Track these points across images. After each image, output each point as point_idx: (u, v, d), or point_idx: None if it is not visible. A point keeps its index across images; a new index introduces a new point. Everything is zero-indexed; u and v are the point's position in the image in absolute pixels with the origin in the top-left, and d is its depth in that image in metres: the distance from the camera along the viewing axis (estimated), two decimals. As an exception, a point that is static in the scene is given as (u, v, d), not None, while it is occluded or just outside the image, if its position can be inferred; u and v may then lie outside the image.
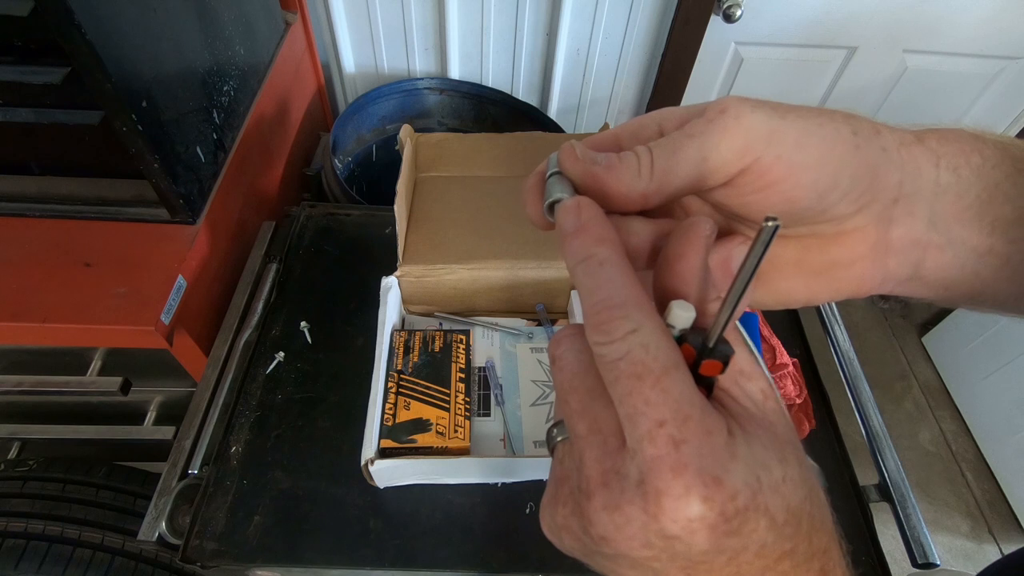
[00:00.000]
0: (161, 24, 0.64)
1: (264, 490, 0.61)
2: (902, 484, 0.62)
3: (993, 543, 1.48)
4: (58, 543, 0.70)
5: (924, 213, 0.23)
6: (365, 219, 0.88)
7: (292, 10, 1.08)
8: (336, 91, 1.37)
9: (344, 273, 0.80)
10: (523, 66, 1.31)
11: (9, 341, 0.72)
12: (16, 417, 0.88)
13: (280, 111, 1.03)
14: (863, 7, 1.22)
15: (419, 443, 0.58)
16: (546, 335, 0.72)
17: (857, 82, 1.36)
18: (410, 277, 0.69)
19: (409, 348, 0.65)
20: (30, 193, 0.72)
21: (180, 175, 0.69)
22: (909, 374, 1.81)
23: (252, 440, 0.64)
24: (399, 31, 1.25)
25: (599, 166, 0.21)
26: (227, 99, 0.81)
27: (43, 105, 0.61)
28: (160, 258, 0.70)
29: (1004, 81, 1.35)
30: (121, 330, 0.65)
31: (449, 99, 1.29)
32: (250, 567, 0.57)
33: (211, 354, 0.70)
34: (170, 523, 0.57)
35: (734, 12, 1.17)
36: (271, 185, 1.00)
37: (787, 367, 0.73)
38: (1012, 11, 1.22)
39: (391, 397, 0.61)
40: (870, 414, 0.68)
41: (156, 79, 0.63)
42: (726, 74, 1.37)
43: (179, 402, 0.84)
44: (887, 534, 0.61)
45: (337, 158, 1.12)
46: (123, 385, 0.71)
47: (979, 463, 1.62)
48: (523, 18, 1.22)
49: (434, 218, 0.74)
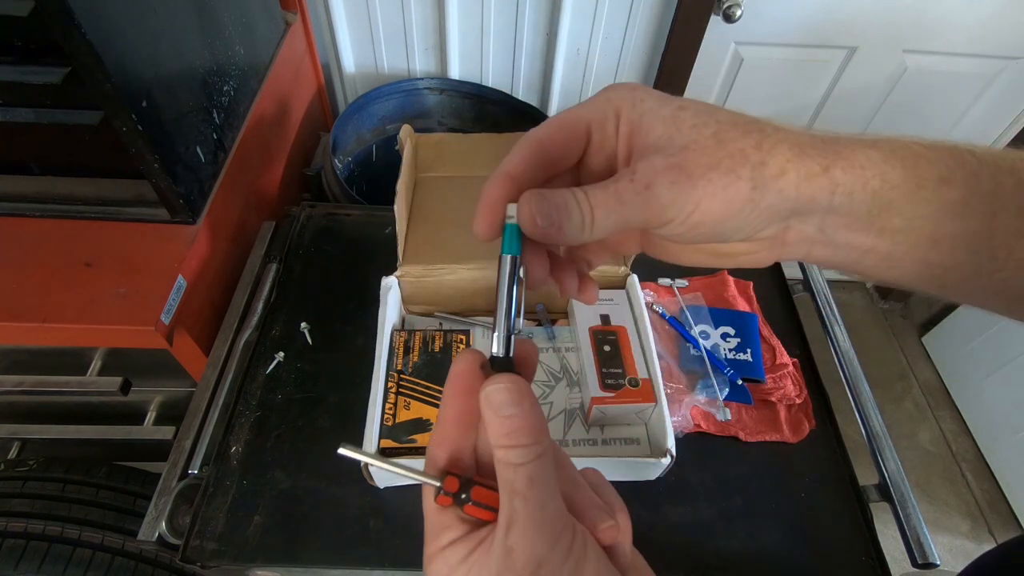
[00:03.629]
0: (161, 24, 0.64)
1: (264, 490, 0.61)
2: (902, 484, 0.63)
3: (993, 543, 1.48)
4: (58, 543, 0.70)
5: (815, 223, 0.26)
6: (365, 219, 0.88)
7: (292, 10, 1.08)
8: (336, 91, 1.37)
9: (344, 273, 0.80)
10: (523, 66, 1.31)
11: (9, 341, 0.72)
12: (16, 417, 0.88)
13: (280, 111, 1.03)
14: (863, 7, 1.22)
15: (419, 443, 0.58)
16: (546, 335, 0.72)
17: (857, 82, 1.36)
18: (410, 277, 0.69)
19: (409, 348, 0.65)
20: (30, 193, 0.72)
21: (180, 175, 0.69)
22: (909, 374, 1.81)
23: (252, 440, 0.64)
24: (399, 31, 1.25)
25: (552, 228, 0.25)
26: (227, 99, 0.81)
27: (43, 105, 0.62)
28: (160, 258, 0.70)
29: (1004, 81, 1.35)
30: (121, 330, 0.65)
31: (449, 99, 1.29)
32: (250, 567, 0.57)
33: (211, 354, 0.70)
34: (170, 523, 0.57)
35: (734, 12, 1.17)
36: (271, 185, 1.00)
37: (787, 367, 0.73)
38: (1012, 11, 1.22)
39: (391, 397, 0.61)
40: (870, 414, 0.68)
41: (156, 79, 0.63)
42: (726, 74, 1.37)
43: (179, 402, 0.84)
44: (887, 534, 0.61)
45: (337, 158, 1.12)
46: (123, 385, 0.71)
47: (979, 463, 1.62)
48: (523, 18, 1.22)
49: (434, 218, 0.74)
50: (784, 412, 0.70)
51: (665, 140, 0.25)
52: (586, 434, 0.64)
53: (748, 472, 0.65)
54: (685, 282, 0.81)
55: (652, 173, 0.24)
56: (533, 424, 0.24)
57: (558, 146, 0.27)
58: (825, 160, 0.25)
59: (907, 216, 0.25)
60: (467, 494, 0.25)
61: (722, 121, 0.25)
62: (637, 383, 0.62)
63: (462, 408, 0.26)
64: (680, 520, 0.61)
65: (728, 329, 0.76)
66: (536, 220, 0.25)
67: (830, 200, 0.25)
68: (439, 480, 0.25)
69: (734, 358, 0.73)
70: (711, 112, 0.25)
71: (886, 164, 0.25)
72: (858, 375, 0.72)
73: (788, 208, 0.25)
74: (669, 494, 0.63)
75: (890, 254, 0.27)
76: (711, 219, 0.25)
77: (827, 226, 0.26)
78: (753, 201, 0.24)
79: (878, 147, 0.25)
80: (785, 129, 0.25)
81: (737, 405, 0.70)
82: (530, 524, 0.23)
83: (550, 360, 0.70)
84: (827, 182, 0.25)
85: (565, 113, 0.28)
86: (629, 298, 0.70)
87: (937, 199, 0.25)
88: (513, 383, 0.24)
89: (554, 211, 0.25)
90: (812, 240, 0.27)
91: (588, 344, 0.65)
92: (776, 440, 0.68)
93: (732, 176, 0.24)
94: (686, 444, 0.66)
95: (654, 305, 0.78)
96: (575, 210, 0.25)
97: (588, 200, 0.25)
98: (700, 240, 0.26)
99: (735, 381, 0.70)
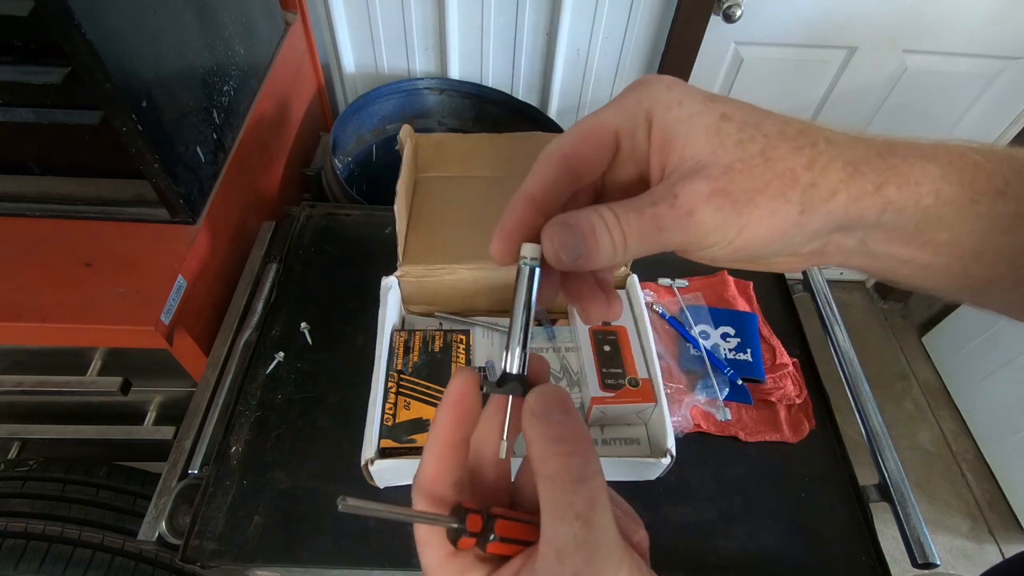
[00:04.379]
0: (161, 24, 0.64)
1: (264, 490, 0.61)
2: (902, 484, 0.62)
3: (993, 543, 1.48)
4: (58, 543, 0.70)
5: (858, 236, 0.25)
6: (365, 219, 0.88)
7: (292, 10, 1.08)
8: (336, 91, 1.37)
9: (344, 273, 0.80)
10: (523, 66, 1.31)
11: (9, 341, 0.72)
12: (16, 417, 0.88)
13: (280, 111, 1.03)
14: (863, 7, 1.22)
15: (419, 443, 0.58)
16: (546, 335, 0.72)
17: (857, 82, 1.36)
18: (410, 277, 0.69)
19: (409, 348, 0.65)
20: (30, 193, 0.72)
21: (180, 175, 0.68)
22: (909, 374, 1.81)
23: (252, 440, 0.64)
24: (399, 31, 1.25)
25: (580, 260, 0.23)
26: (227, 99, 0.81)
27: (43, 105, 0.61)
28: (160, 258, 0.70)
29: (1004, 81, 1.35)
30: (121, 330, 0.65)
31: (449, 99, 1.29)
32: (250, 567, 0.57)
33: (211, 354, 0.70)
34: (170, 523, 0.57)
35: (734, 12, 1.17)
36: (271, 185, 1.00)
37: (787, 367, 0.73)
38: (1012, 11, 1.22)
39: (391, 397, 0.61)
40: (870, 414, 0.68)
41: (156, 79, 0.63)
42: (726, 74, 1.37)
43: (179, 402, 0.84)
44: (887, 534, 0.61)
45: (337, 158, 1.11)
46: (123, 385, 0.71)
47: (979, 463, 1.62)
48: (523, 18, 1.22)
49: (434, 218, 0.74)
50: (784, 412, 0.70)
51: (708, 156, 0.22)
52: (586, 434, 0.64)
53: (748, 472, 0.65)
54: (685, 282, 0.81)
55: (695, 199, 0.22)
56: (584, 433, 0.22)
57: (584, 160, 0.25)
58: (880, 178, 0.23)
59: (955, 231, 0.24)
60: (491, 529, 0.21)
61: (770, 135, 0.23)
62: (637, 383, 0.62)
63: (464, 433, 0.24)
64: (680, 520, 0.61)
65: (728, 329, 0.76)
66: (561, 256, 0.23)
67: (878, 217, 0.23)
68: (458, 521, 0.22)
69: (734, 358, 0.73)
70: (758, 123, 0.23)
71: (943, 180, 0.23)
72: (858, 375, 0.72)
73: (834, 227, 0.24)
74: (669, 494, 0.63)
75: (930, 265, 0.25)
76: (754, 245, 0.23)
77: (869, 239, 0.25)
78: (800, 225, 0.23)
79: (936, 159, 0.23)
80: (838, 140, 0.23)
81: (737, 405, 0.70)
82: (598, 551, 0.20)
83: (550, 360, 0.70)
84: (879, 200, 0.23)
85: (591, 119, 0.25)
86: (629, 298, 0.70)
87: (990, 214, 0.24)
88: (559, 390, 0.23)
89: (581, 243, 0.23)
90: (851, 251, 0.26)
91: (588, 344, 0.65)
92: (776, 440, 0.68)
93: (781, 200, 0.22)
94: (686, 444, 0.66)
95: (654, 305, 0.78)
96: (605, 238, 0.23)
97: (620, 226, 0.23)
98: (738, 261, 0.25)
99: (735, 381, 0.70)
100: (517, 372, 0.24)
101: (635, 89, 0.24)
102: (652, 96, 0.24)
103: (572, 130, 0.25)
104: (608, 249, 0.23)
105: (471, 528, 0.21)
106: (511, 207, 0.25)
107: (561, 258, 0.23)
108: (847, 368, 0.73)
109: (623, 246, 0.23)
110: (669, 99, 0.23)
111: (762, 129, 0.23)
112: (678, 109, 0.23)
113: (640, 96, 0.24)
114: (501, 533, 0.22)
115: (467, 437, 0.24)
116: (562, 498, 0.20)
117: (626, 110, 0.24)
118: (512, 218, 0.25)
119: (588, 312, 0.27)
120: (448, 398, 0.24)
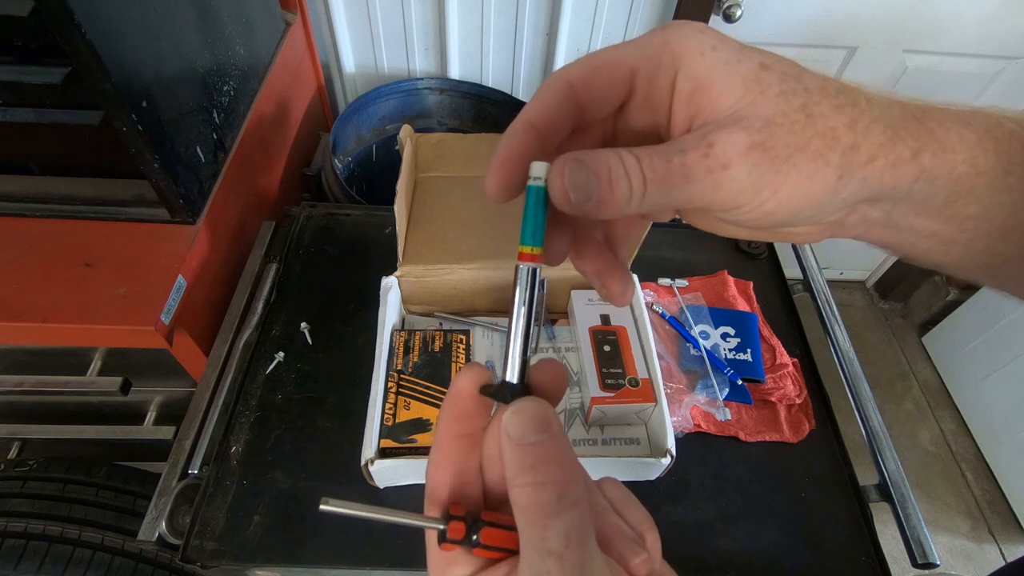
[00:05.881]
0: (161, 24, 0.64)
1: (264, 490, 0.61)
2: (902, 484, 0.63)
3: (993, 543, 1.48)
4: (58, 543, 0.70)
5: (884, 208, 0.23)
6: (365, 219, 0.88)
7: (292, 10, 1.08)
8: (336, 91, 1.37)
9: (344, 273, 0.80)
10: (523, 66, 1.31)
11: (9, 341, 0.72)
12: (16, 417, 0.88)
13: (280, 111, 1.03)
14: (863, 7, 1.22)
15: (419, 443, 0.58)
16: (546, 335, 0.72)
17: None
18: (410, 277, 0.69)
19: (409, 348, 0.65)
20: (30, 193, 0.72)
21: (180, 175, 0.69)
22: (909, 374, 1.81)
23: (252, 440, 0.64)
24: (399, 31, 1.25)
25: (590, 203, 0.20)
26: (227, 99, 0.81)
27: (43, 105, 0.61)
28: (160, 258, 0.70)
29: (1004, 81, 1.35)
30: (121, 330, 0.65)
31: (449, 99, 1.29)
32: (250, 567, 0.57)
33: (211, 354, 0.70)
34: (170, 523, 0.57)
35: (734, 12, 1.17)
36: (271, 185, 1.00)
37: (787, 367, 0.73)
38: (1012, 11, 1.22)
39: (391, 397, 0.61)
40: (870, 414, 0.68)
41: (156, 79, 0.63)
42: (726, 74, 1.37)
43: (179, 402, 0.84)
44: (887, 534, 0.61)
45: (337, 158, 1.12)
46: (123, 385, 0.71)
47: (979, 463, 1.62)
48: (523, 18, 1.22)
49: (434, 218, 0.74)
50: (784, 412, 0.70)
51: (747, 107, 0.20)
52: (586, 434, 0.64)
53: (748, 472, 0.65)
54: (685, 282, 0.81)
55: (733, 151, 0.20)
56: (563, 456, 0.20)
57: (592, 92, 0.22)
58: (917, 143, 0.21)
59: (984, 203, 0.22)
60: (476, 536, 0.21)
61: (811, 89, 0.21)
62: (637, 383, 0.62)
63: (462, 429, 0.23)
64: (680, 520, 0.61)
65: (728, 329, 0.76)
66: (570, 195, 0.20)
67: (911, 187, 0.22)
68: (442, 523, 0.22)
69: (734, 358, 0.73)
70: (799, 76, 0.21)
71: (978, 147, 0.22)
72: (858, 375, 0.72)
73: (866, 196, 0.22)
74: (669, 494, 0.63)
75: (952, 240, 0.24)
76: (783, 210, 0.21)
77: (896, 211, 0.23)
78: (835, 192, 0.21)
79: (973, 126, 0.22)
80: (878, 101, 0.22)
81: (737, 405, 0.70)
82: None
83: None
84: (914, 168, 0.21)
85: (606, 52, 0.22)
86: (629, 298, 0.70)
87: (1022, 187, 0.22)
88: (537, 406, 0.21)
89: (595, 185, 0.20)
90: (872, 222, 0.24)
91: (588, 344, 0.65)
92: (776, 440, 0.68)
93: (820, 162, 0.20)
94: (686, 444, 0.66)
95: (654, 305, 0.78)
96: (622, 183, 0.20)
97: (642, 170, 0.20)
98: (757, 229, 0.23)
99: (735, 381, 0.70)
100: (516, 381, 0.23)
101: (662, 30, 0.22)
102: (682, 39, 0.21)
103: (582, 59, 0.22)
104: (624, 195, 0.20)
105: (452, 536, 0.21)
106: (509, 135, 0.22)
107: (570, 198, 0.20)
108: (847, 368, 0.73)
109: (641, 195, 0.20)
110: (702, 43, 0.21)
111: (803, 82, 0.21)
112: (712, 55, 0.21)
113: (668, 37, 0.21)
114: (486, 541, 0.21)
115: (465, 434, 0.23)
116: (533, 532, 0.19)
117: (649, 49, 0.22)
118: (511, 147, 0.22)
119: (609, 288, 0.26)
120: (448, 396, 0.24)
